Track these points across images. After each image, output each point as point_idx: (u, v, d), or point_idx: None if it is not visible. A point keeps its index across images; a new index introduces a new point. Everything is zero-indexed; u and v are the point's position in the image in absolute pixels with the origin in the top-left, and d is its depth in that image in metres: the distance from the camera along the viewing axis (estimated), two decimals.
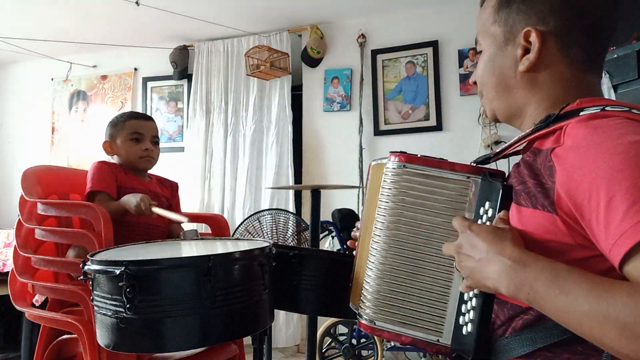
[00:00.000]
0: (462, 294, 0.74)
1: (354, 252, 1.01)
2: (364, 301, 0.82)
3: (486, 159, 0.84)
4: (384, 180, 0.81)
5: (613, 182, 0.53)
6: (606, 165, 0.55)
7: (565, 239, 0.60)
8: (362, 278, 0.86)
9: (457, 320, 0.74)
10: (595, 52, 0.74)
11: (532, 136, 0.71)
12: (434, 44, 3.07)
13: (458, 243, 0.68)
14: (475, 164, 0.82)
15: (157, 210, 1.45)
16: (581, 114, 0.64)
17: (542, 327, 0.64)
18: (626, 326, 0.48)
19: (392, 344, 2.51)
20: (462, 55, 3.00)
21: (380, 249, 0.80)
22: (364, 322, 0.81)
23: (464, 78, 2.99)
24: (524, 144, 0.76)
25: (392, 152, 0.82)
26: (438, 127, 3.02)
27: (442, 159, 0.79)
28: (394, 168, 0.80)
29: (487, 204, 0.72)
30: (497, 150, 0.83)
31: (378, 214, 0.82)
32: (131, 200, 1.46)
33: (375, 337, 2.45)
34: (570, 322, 0.54)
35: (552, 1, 0.71)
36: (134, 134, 1.67)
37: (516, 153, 0.84)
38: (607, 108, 0.63)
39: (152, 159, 1.71)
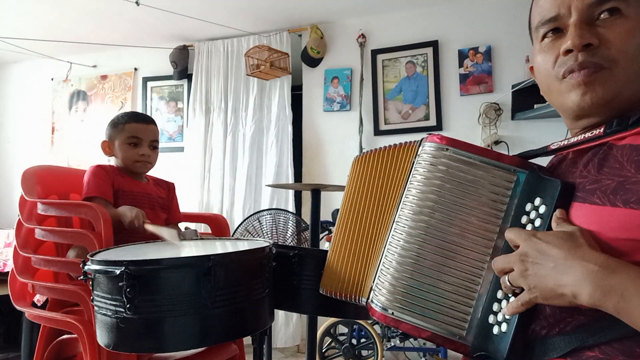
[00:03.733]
0: (494, 292, 0.69)
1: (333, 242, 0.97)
2: (380, 288, 0.76)
3: (534, 154, 0.77)
4: (418, 162, 0.77)
5: None
6: None
7: None
8: (357, 262, 0.85)
9: (484, 319, 0.69)
10: None
11: (609, 138, 0.65)
12: (434, 44, 3.07)
13: (522, 252, 0.62)
14: (522, 157, 0.76)
15: (149, 227, 1.43)
16: None
17: (593, 328, 0.60)
18: None
19: (392, 344, 2.51)
20: (462, 55, 3.00)
21: (406, 234, 0.75)
22: (377, 309, 0.76)
23: (464, 78, 2.99)
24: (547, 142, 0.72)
25: (430, 133, 0.77)
26: (438, 127, 3.02)
27: (487, 148, 0.74)
28: (432, 150, 0.75)
29: (537, 200, 0.68)
30: (554, 147, 0.74)
31: (407, 196, 0.77)
32: (126, 214, 1.45)
33: (375, 337, 2.45)
34: None
35: None
36: (132, 138, 1.65)
37: (548, 153, 0.78)
38: None
39: (149, 164, 1.70)
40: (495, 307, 0.69)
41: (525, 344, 0.66)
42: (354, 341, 2.55)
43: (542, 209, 0.67)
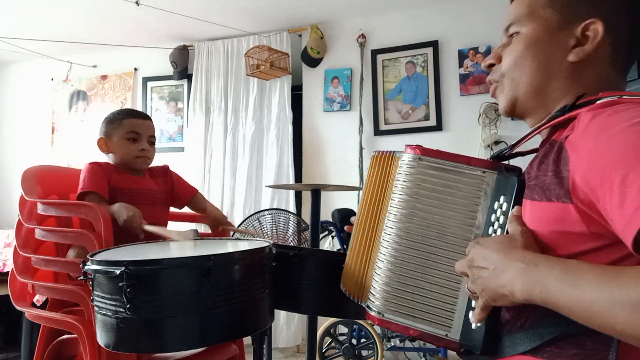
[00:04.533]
0: None
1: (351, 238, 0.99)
2: (373, 293, 0.82)
3: (502, 154, 0.83)
4: (399, 173, 0.82)
5: (626, 161, 0.52)
6: (619, 145, 0.54)
7: (580, 229, 0.60)
8: (362, 267, 0.87)
9: (466, 315, 0.74)
10: (629, 65, 0.75)
11: (548, 125, 0.70)
12: (434, 44, 3.07)
13: (470, 257, 0.68)
14: (492, 159, 0.82)
15: (149, 228, 1.40)
16: (597, 103, 0.64)
17: (550, 322, 0.63)
18: (635, 305, 0.47)
19: (392, 344, 2.51)
20: (462, 55, 3.00)
21: (392, 241, 0.80)
22: (372, 313, 0.81)
23: (464, 78, 2.99)
24: (540, 140, 0.76)
25: (408, 145, 0.82)
26: (438, 127, 3.02)
27: (458, 154, 0.78)
28: (409, 161, 0.80)
29: (501, 198, 0.72)
30: (513, 144, 0.81)
31: (391, 206, 0.81)
32: (122, 212, 1.41)
33: (375, 337, 2.45)
34: (582, 315, 0.53)
35: (618, 5, 0.71)
36: (132, 133, 1.63)
37: (534, 151, 0.84)
38: (624, 97, 0.63)
39: (148, 159, 1.68)
40: (473, 303, 0.72)
41: (498, 339, 0.70)
42: (354, 341, 2.55)
43: (504, 207, 0.72)
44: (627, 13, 0.71)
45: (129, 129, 1.63)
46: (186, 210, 1.93)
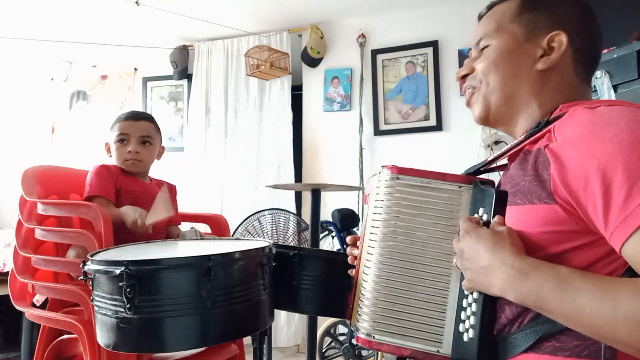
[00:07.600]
0: (460, 302, 0.74)
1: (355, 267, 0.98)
2: (361, 314, 0.80)
3: (477, 169, 0.86)
4: (377, 193, 0.82)
5: (607, 169, 0.55)
6: (599, 152, 0.57)
7: (569, 227, 0.62)
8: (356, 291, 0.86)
9: (456, 328, 0.74)
10: (591, 74, 0.81)
11: (526, 142, 0.73)
12: (434, 44, 3.07)
13: (460, 247, 0.70)
14: (466, 174, 0.84)
15: (151, 221, 1.41)
16: (570, 111, 0.68)
17: (546, 318, 0.64)
18: (636, 322, 0.50)
19: None
20: (462, 55, 3.00)
21: (376, 261, 0.80)
22: (361, 336, 0.80)
23: None
24: (512, 153, 0.79)
25: (384, 165, 0.83)
26: (438, 127, 3.02)
27: (433, 171, 0.80)
28: (386, 180, 0.81)
29: (480, 210, 0.74)
30: (490, 159, 0.84)
31: (372, 226, 0.82)
32: (129, 214, 1.43)
33: None
34: (580, 325, 0.56)
35: (577, 17, 0.78)
36: (120, 135, 1.64)
37: (503, 167, 0.88)
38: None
39: (139, 162, 1.65)
40: (462, 315, 0.73)
41: (494, 346, 0.70)
42: (354, 341, 2.55)
43: (484, 218, 0.72)
44: (583, 26, 0.78)
45: (118, 131, 1.65)
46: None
